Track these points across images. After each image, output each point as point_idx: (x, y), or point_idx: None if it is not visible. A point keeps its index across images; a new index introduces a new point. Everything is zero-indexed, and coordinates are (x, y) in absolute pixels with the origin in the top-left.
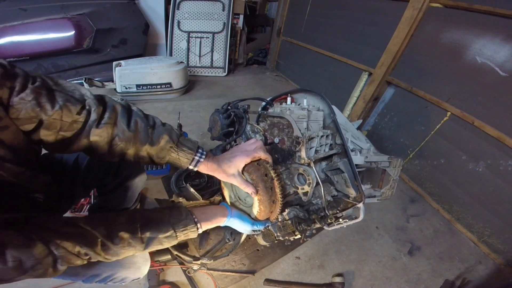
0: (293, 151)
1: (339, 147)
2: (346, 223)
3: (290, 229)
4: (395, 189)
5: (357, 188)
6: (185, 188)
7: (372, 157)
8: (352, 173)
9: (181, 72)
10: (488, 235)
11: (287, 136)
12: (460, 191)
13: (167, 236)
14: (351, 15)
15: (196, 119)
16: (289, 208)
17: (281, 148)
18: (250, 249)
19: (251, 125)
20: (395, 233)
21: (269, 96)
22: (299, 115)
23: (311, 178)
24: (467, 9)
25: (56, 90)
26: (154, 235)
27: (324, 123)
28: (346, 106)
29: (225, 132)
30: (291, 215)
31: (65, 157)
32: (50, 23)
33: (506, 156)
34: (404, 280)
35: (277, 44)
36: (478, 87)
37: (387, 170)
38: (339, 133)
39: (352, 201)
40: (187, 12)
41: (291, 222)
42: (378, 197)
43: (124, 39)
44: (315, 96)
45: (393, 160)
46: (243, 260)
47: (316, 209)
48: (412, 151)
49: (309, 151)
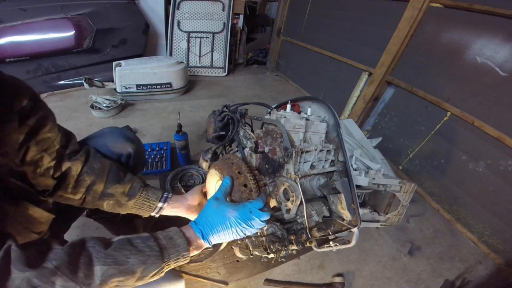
0: (282, 163)
1: (340, 164)
2: (336, 247)
3: (264, 247)
4: (403, 215)
5: (354, 212)
6: (177, 188)
7: (380, 179)
8: (351, 194)
9: (181, 72)
10: (488, 235)
11: (279, 146)
12: (460, 191)
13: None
14: (351, 15)
15: (196, 119)
16: (269, 224)
17: (271, 158)
18: (229, 259)
19: (244, 131)
20: (395, 233)
21: (269, 96)
22: (295, 124)
23: (295, 195)
24: (467, 9)
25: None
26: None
27: (329, 136)
28: (346, 106)
29: (217, 135)
30: (269, 231)
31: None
32: (50, 23)
33: (506, 156)
34: (404, 280)
35: (277, 44)
36: (478, 87)
37: (396, 195)
38: (341, 148)
39: (347, 224)
40: (187, 12)
41: (266, 239)
42: (382, 222)
43: (124, 39)
44: (322, 105)
45: (405, 185)
46: (219, 269)
47: (299, 229)
48: (412, 151)
49: (303, 165)
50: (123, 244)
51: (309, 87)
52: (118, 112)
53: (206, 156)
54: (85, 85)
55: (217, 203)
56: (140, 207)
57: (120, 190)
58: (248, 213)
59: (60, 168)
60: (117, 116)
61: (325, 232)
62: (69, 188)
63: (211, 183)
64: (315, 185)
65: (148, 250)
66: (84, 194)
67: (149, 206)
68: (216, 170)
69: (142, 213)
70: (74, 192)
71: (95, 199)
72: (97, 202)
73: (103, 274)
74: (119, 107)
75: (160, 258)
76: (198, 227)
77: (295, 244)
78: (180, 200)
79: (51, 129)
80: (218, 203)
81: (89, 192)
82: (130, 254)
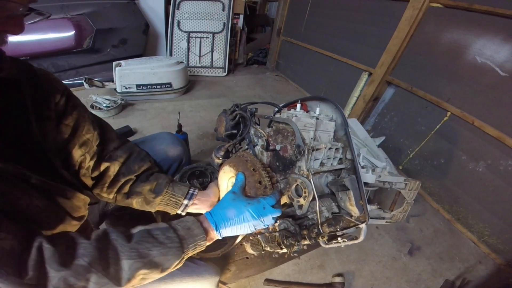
0: (294, 161)
1: (348, 162)
2: (344, 243)
3: (277, 242)
4: (407, 212)
5: (362, 208)
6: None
7: (386, 177)
8: (359, 191)
9: (181, 72)
10: (488, 235)
11: (290, 144)
12: (460, 191)
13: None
14: (351, 15)
15: (196, 119)
16: (281, 220)
17: (282, 156)
18: (239, 256)
19: (255, 129)
20: (395, 233)
21: (269, 96)
22: (306, 123)
23: (308, 191)
24: (467, 9)
25: (102, 123)
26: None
27: (337, 134)
28: (346, 106)
29: (229, 133)
30: (282, 227)
31: None
32: (50, 23)
33: (506, 156)
34: (404, 280)
35: (277, 44)
36: (478, 87)
37: (402, 192)
38: (350, 147)
39: (355, 220)
40: (187, 12)
41: (279, 234)
42: (387, 219)
43: (124, 39)
44: (329, 105)
45: (410, 182)
46: (229, 266)
47: (310, 224)
48: (412, 151)
49: (313, 163)
50: (144, 236)
51: (309, 87)
52: (118, 112)
53: (218, 154)
54: (85, 85)
55: (234, 196)
56: (167, 204)
57: (147, 187)
58: (262, 208)
59: (98, 168)
60: (117, 116)
61: (335, 227)
62: (105, 187)
63: (224, 179)
64: (323, 182)
65: (168, 242)
66: (115, 193)
67: (175, 202)
68: (230, 167)
69: (170, 210)
70: (108, 191)
71: (125, 197)
72: (127, 200)
73: (129, 268)
74: (119, 107)
75: (180, 249)
76: (213, 219)
77: (308, 239)
78: (204, 196)
79: (88, 130)
80: (236, 196)
81: (120, 191)
82: (152, 247)
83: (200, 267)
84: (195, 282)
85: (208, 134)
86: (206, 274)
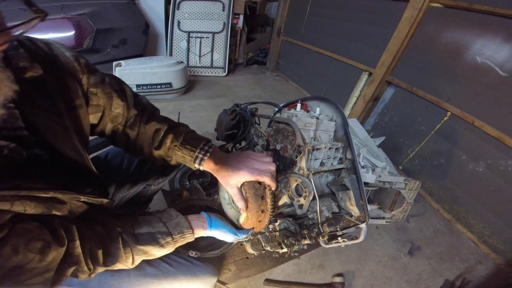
0: (294, 160)
1: (348, 162)
2: (344, 243)
3: (277, 242)
4: (407, 212)
5: (362, 208)
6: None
7: (386, 177)
8: (359, 191)
9: (181, 72)
10: (488, 235)
11: (290, 143)
12: (460, 191)
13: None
14: (351, 15)
15: (196, 119)
16: (281, 219)
17: (283, 155)
18: (239, 256)
19: (255, 129)
20: (395, 233)
21: (269, 96)
22: (306, 122)
23: (308, 191)
24: (467, 9)
25: (124, 88)
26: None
27: (337, 134)
28: (346, 106)
29: (229, 133)
30: (282, 227)
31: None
32: (50, 23)
33: (506, 156)
34: (404, 280)
35: (277, 44)
36: (478, 87)
37: (401, 192)
38: (350, 147)
39: (355, 220)
40: (187, 12)
41: (279, 234)
42: (387, 219)
43: (124, 39)
44: (330, 105)
45: (410, 182)
46: (229, 266)
47: (310, 224)
48: (412, 151)
49: (313, 162)
50: (141, 222)
51: (309, 87)
52: None
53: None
54: None
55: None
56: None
57: (162, 153)
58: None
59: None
60: None
61: (335, 227)
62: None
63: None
64: (323, 182)
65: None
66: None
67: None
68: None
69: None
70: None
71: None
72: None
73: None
74: None
75: (169, 235)
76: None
77: (308, 238)
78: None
79: (118, 104)
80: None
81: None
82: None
83: (196, 267)
84: (189, 281)
85: (208, 134)
86: (201, 274)
